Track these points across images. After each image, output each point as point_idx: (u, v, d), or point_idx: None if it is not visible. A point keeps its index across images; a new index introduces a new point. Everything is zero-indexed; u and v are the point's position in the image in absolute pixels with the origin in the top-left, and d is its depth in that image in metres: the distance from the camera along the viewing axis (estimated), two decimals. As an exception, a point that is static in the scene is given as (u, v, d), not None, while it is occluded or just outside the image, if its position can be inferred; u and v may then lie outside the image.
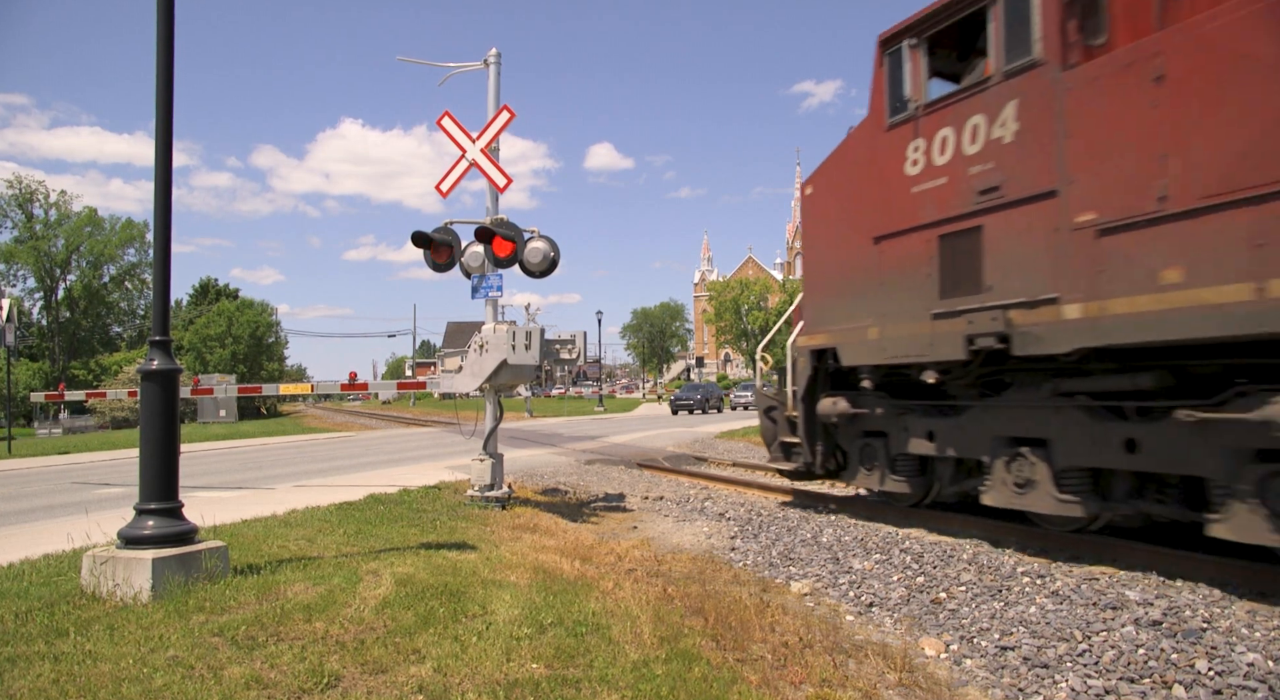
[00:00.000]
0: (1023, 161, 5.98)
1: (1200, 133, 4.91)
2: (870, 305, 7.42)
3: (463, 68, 9.74)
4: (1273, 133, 4.57)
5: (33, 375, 53.67)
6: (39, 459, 19.53)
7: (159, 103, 5.14)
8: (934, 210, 6.70)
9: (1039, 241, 5.84)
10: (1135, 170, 5.24)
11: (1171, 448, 5.33)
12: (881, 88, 7.30)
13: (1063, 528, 6.33)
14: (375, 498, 9.23)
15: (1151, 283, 5.11)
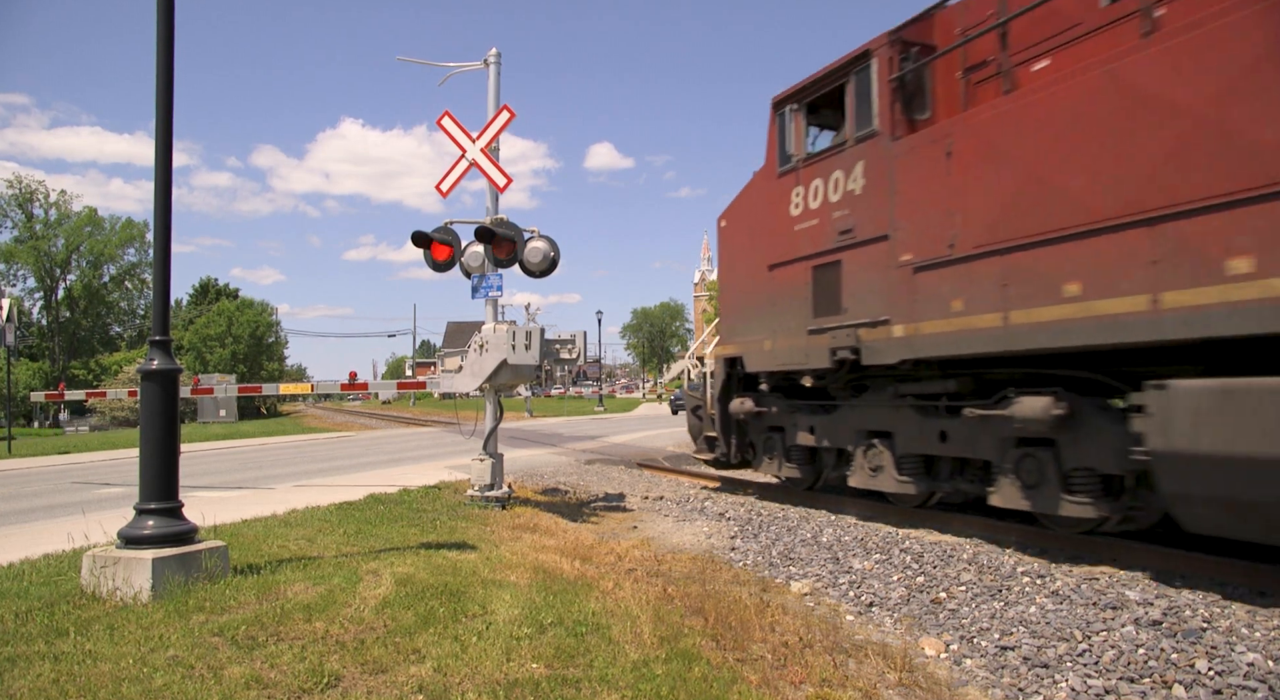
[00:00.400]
0: (868, 210, 7.45)
1: (972, 198, 6.38)
2: (766, 322, 8.93)
3: (463, 68, 9.74)
4: (1011, 205, 6.05)
5: (33, 375, 53.67)
6: (39, 459, 19.53)
7: (159, 103, 5.14)
8: (809, 246, 8.19)
9: (877, 275, 7.29)
10: (936, 223, 6.69)
11: (968, 438, 6.86)
12: (773, 142, 8.85)
13: (908, 504, 7.83)
14: (375, 497, 9.23)
15: (945, 310, 6.58)
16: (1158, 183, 5.11)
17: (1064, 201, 5.70)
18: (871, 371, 7.73)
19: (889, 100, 7.32)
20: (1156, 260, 5.11)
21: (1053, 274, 5.74)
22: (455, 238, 8.99)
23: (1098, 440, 5.81)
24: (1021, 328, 5.93)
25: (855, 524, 7.69)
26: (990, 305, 6.19)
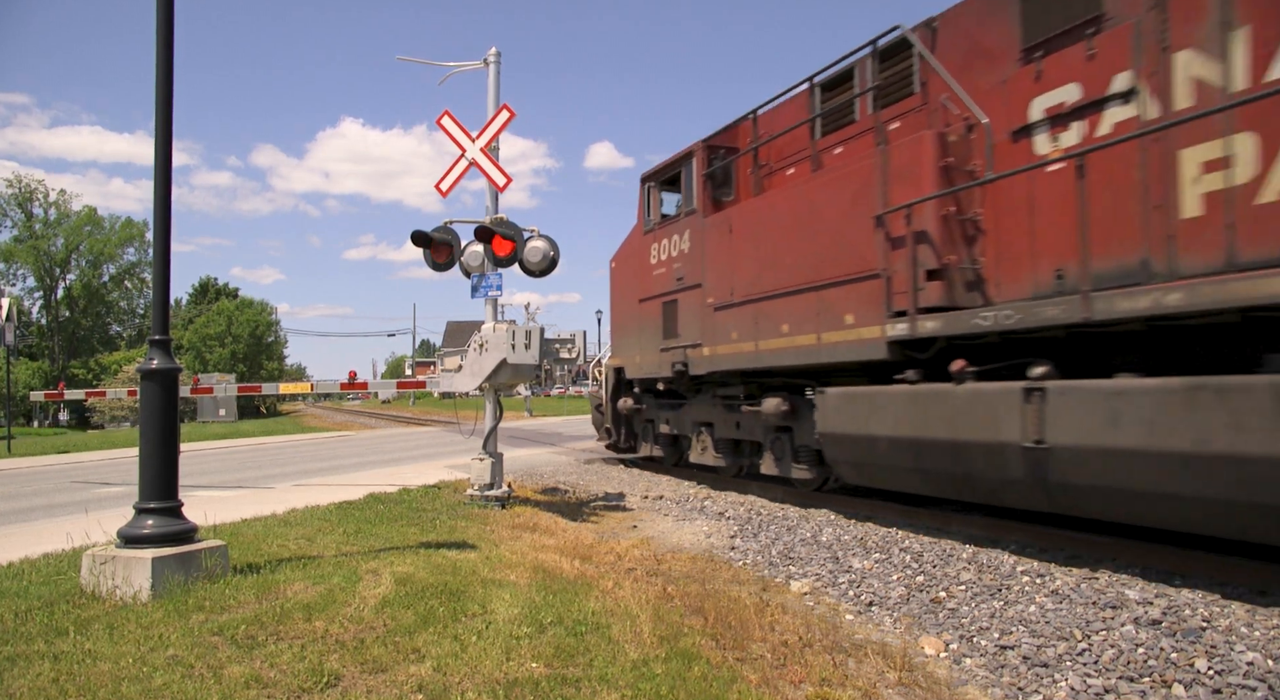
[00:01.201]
0: (691, 265, 10.29)
1: (741, 263, 9.17)
2: (637, 341, 11.75)
3: (462, 67, 9.73)
4: (759, 270, 8.80)
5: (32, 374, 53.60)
6: (38, 458, 19.54)
7: (158, 102, 5.14)
8: (661, 287, 11.04)
9: (696, 311, 10.10)
10: (724, 278, 9.53)
11: (750, 426, 9.62)
12: (641, 207, 11.73)
13: (725, 473, 10.71)
14: (375, 497, 9.24)
15: (728, 338, 9.36)
16: (819, 266, 7.88)
17: (782, 272, 8.42)
18: (700, 379, 10.40)
19: (702, 187, 10.18)
20: (819, 313, 7.86)
21: (777, 317, 8.47)
22: (455, 237, 8.98)
23: (808, 427, 8.31)
24: (765, 352, 8.70)
25: (855, 523, 7.69)
26: (749, 336, 8.96)
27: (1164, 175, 5.33)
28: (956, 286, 6.71)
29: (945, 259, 6.69)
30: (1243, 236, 4.88)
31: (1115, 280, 5.55)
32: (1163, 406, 4.95)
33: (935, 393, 6.56)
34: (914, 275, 6.76)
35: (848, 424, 7.45)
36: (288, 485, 11.73)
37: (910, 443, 6.79)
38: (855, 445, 7.46)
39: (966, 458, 6.31)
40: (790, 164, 9.18)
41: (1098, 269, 5.62)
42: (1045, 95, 6.24)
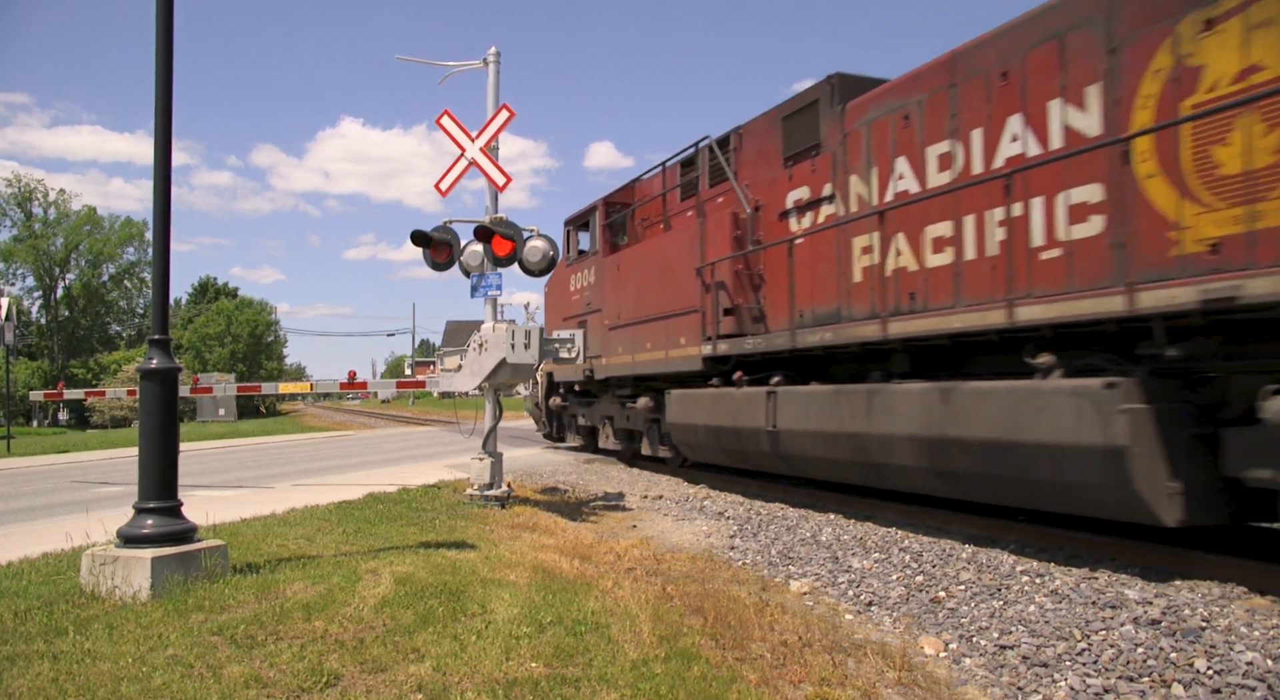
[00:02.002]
0: (595, 294, 13.10)
1: (624, 294, 11.93)
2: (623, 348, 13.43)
3: (462, 67, 9.73)
4: (634, 300, 11.57)
5: (32, 374, 53.57)
6: (38, 458, 19.53)
7: (158, 102, 5.14)
8: (577, 309, 13.85)
9: (598, 330, 12.66)
10: (614, 305, 12.24)
11: (634, 419, 12.28)
12: (564, 246, 14.24)
13: (623, 456, 13.59)
14: (374, 497, 9.24)
15: (617, 352, 12.09)
16: (667, 301, 10.66)
17: (648, 303, 11.20)
18: (605, 382, 13.03)
19: (602, 234, 12.95)
20: (667, 335, 10.61)
21: (645, 337, 11.27)
22: (454, 237, 8.98)
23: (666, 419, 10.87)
24: (638, 363, 11.45)
25: (855, 523, 7.70)
26: (629, 350, 11.71)
27: (845, 253, 8.04)
28: (745, 320, 9.43)
29: (736, 301, 9.50)
30: (877, 297, 7.62)
31: (827, 319, 8.18)
32: (822, 403, 7.88)
33: (726, 393, 9.43)
34: (716, 312, 9.60)
35: (682, 416, 10.40)
36: (287, 485, 11.73)
37: (714, 428, 9.67)
38: (686, 431, 10.40)
39: (742, 437, 9.13)
40: (658, 221, 12.03)
41: (819, 311, 8.35)
42: (793, 191, 8.95)
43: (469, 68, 9.64)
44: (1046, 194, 6.12)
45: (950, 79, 7.01)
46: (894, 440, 6.98)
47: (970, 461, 6.35)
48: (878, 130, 7.79)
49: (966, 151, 6.87)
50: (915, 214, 7.22)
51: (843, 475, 8.01)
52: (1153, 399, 5.21)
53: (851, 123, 8.10)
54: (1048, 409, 5.67)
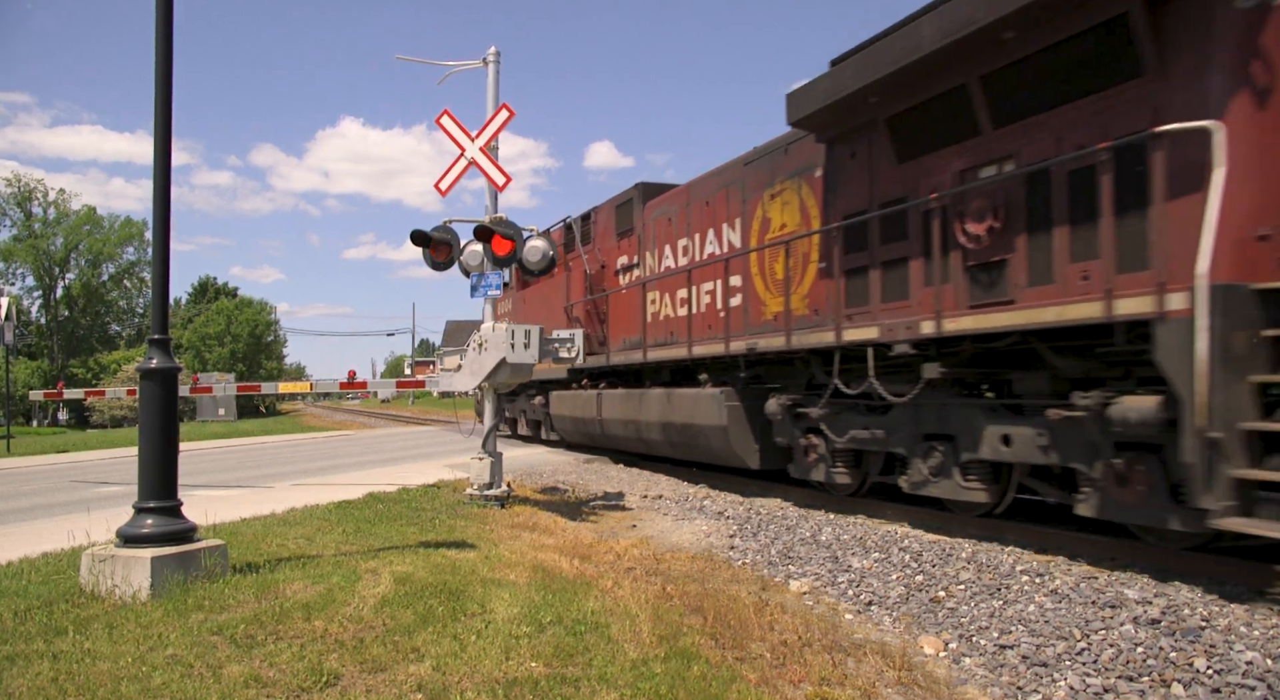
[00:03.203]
0: (513, 317, 16.89)
1: (530, 319, 14.74)
2: None
3: (462, 66, 9.73)
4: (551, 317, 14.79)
5: (31, 374, 53.57)
6: (38, 457, 19.52)
7: (158, 102, 5.14)
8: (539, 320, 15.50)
9: None
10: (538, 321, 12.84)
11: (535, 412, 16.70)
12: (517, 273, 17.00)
13: (533, 442, 17.04)
14: (374, 496, 9.23)
15: None
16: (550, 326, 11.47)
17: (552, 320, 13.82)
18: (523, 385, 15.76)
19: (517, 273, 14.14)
20: None
21: None
22: (454, 236, 8.98)
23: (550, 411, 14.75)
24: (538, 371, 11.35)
25: (854, 523, 7.70)
26: None
27: (642, 303, 11.97)
28: (594, 344, 13.17)
29: (588, 330, 13.12)
30: (657, 333, 11.55)
31: (633, 346, 12.13)
32: (621, 400, 12.08)
33: (578, 394, 13.72)
34: None
35: (558, 409, 14.54)
36: (287, 485, 11.72)
37: (575, 418, 13.92)
38: (560, 420, 14.64)
39: (587, 424, 13.47)
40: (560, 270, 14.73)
41: (629, 341, 12.42)
42: (620, 257, 13.03)
43: (469, 67, 9.64)
44: (722, 278, 10.09)
45: (688, 199, 11.17)
46: (649, 423, 11.39)
47: (679, 434, 10.67)
48: (657, 224, 11.92)
49: (693, 246, 11.00)
50: (671, 281, 11.32)
51: (633, 446, 12.48)
52: (743, 399, 9.50)
53: (647, 217, 12.25)
54: (702, 404, 10.00)
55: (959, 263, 6.62)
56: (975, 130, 6.57)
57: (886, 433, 7.66)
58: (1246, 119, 5.05)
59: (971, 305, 6.53)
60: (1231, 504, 4.79)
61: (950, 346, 6.96)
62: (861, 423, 7.96)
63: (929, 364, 6.94)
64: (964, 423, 6.89)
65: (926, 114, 6.93)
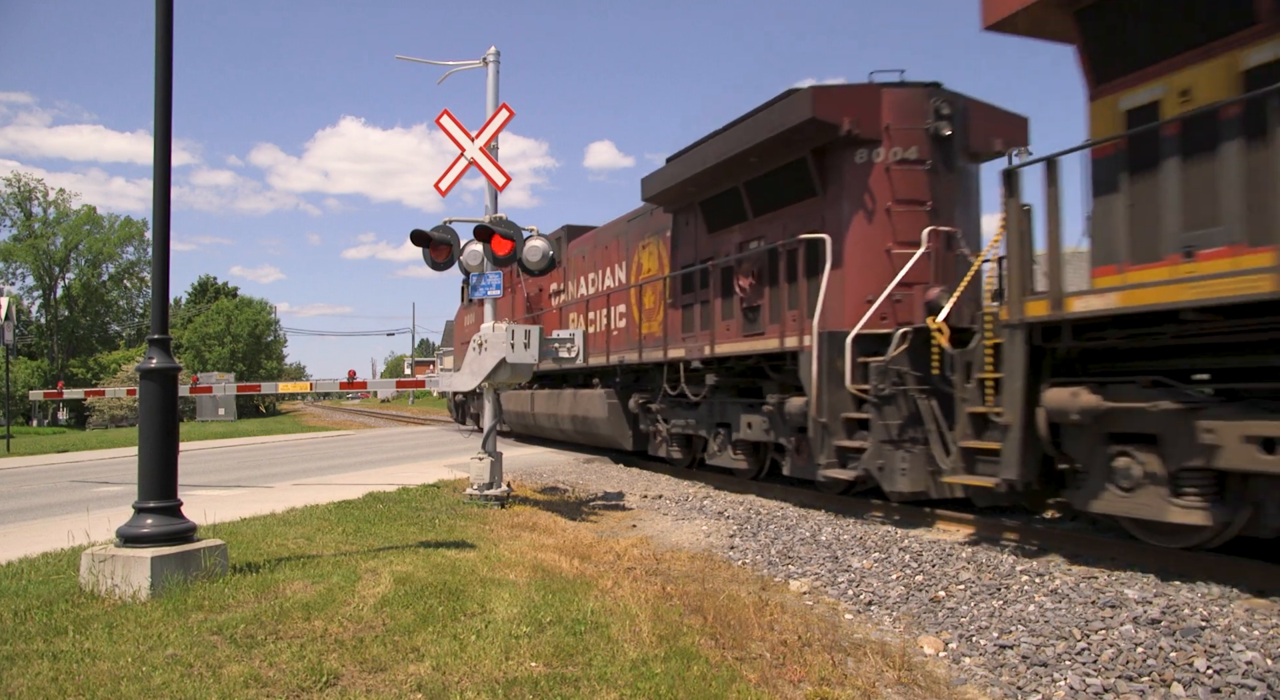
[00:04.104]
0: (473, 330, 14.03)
1: None
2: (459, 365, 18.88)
3: (461, 66, 9.73)
4: None
5: (31, 373, 53.53)
6: (37, 457, 19.52)
7: (158, 101, 5.14)
8: (465, 337, 18.20)
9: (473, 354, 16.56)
10: None
11: None
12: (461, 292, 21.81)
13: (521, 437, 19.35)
14: (374, 496, 9.23)
15: None
16: None
17: None
18: None
19: None
20: None
21: None
22: (454, 236, 8.98)
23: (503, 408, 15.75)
24: None
25: (854, 522, 7.70)
26: None
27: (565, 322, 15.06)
28: None
29: None
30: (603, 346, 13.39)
31: None
32: (546, 398, 15.44)
33: (519, 393, 16.32)
34: None
35: (507, 405, 17.01)
36: (287, 484, 11.73)
37: (518, 412, 16.96)
38: (509, 415, 17.42)
39: (525, 417, 16.64)
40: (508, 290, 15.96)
41: None
42: (553, 284, 16.13)
43: (469, 67, 9.64)
44: (613, 306, 13.41)
45: (595, 242, 14.46)
46: (563, 416, 14.61)
47: (581, 424, 13.94)
48: (576, 259, 15.11)
49: (598, 278, 14.16)
50: (583, 305, 14.60)
51: (555, 435, 15.91)
52: (620, 398, 12.54)
53: (570, 253, 15.39)
54: (594, 402, 13.18)
55: (737, 305, 9.83)
56: (744, 217, 9.85)
57: (695, 421, 10.95)
58: (860, 228, 8.34)
59: (744, 335, 9.65)
60: (834, 461, 8.08)
61: (725, 362, 10.11)
62: (682, 414, 11.29)
63: (709, 374, 10.35)
64: (733, 414, 9.98)
65: (721, 202, 10.18)
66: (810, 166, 8.59)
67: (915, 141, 8.36)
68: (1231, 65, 5.10)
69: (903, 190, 8.31)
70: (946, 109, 8.34)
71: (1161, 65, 5.51)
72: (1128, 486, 5.53)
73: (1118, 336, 5.74)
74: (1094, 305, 5.56)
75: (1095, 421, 5.65)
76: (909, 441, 7.43)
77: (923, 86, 8.45)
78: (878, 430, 7.57)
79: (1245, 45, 5.01)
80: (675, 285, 11.26)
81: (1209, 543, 5.48)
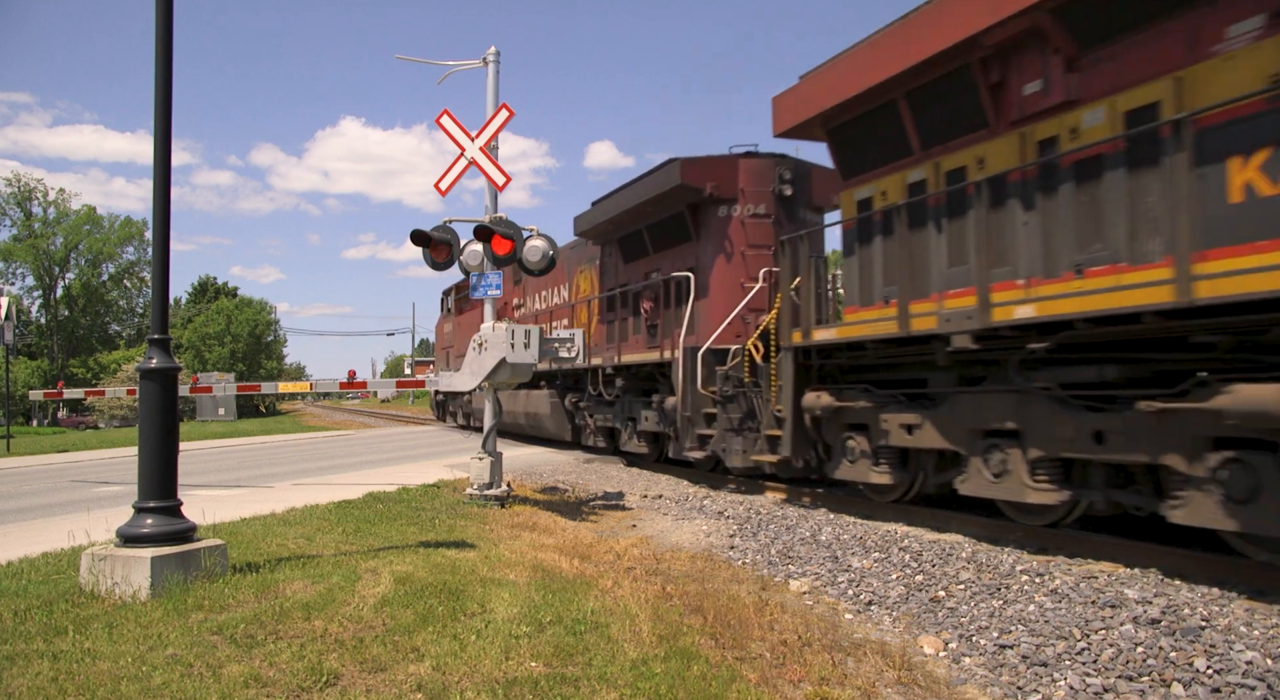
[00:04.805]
0: (451, 337, 23.96)
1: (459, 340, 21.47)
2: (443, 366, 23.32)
3: (461, 66, 9.73)
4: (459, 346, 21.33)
5: (31, 373, 53.55)
6: (37, 457, 19.52)
7: (158, 102, 5.13)
8: (445, 344, 25.09)
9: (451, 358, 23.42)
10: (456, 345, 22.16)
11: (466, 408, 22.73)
12: (443, 305, 25.79)
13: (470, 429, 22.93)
14: (374, 496, 9.23)
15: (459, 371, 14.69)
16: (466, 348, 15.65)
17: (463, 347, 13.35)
18: None
19: (456, 305, 23.43)
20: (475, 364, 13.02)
21: None
22: (454, 236, 8.97)
23: None
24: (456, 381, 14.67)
25: (854, 522, 7.70)
26: None
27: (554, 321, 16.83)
28: None
29: None
30: None
31: None
32: (509, 398, 15.94)
33: None
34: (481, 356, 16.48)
35: (478, 405, 17.23)
36: (287, 484, 11.72)
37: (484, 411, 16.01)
38: (478, 413, 17.31)
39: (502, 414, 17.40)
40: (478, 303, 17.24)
41: None
42: (515, 299, 18.26)
43: (469, 67, 9.64)
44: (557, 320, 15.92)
45: None
46: (518, 412, 16.51)
47: (531, 420, 16.15)
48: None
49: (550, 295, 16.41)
50: (537, 319, 16.75)
51: (514, 429, 17.74)
52: (560, 397, 15.08)
53: None
54: (541, 401, 15.55)
55: (643, 323, 12.19)
56: (647, 252, 12.39)
57: (613, 416, 13.42)
58: (720, 266, 10.82)
59: (647, 347, 12.04)
60: (695, 445, 10.59)
61: (631, 369, 12.58)
62: (604, 411, 13.81)
63: (619, 378, 12.93)
64: (637, 410, 12.45)
65: (631, 240, 12.72)
66: (687, 218, 11.21)
67: (764, 200, 10.83)
68: (903, 178, 7.48)
69: (753, 238, 10.81)
70: (789, 174, 10.81)
71: (870, 174, 7.92)
72: (852, 460, 8.08)
73: (845, 357, 8.28)
74: (825, 336, 8.26)
75: (834, 415, 8.21)
76: (746, 430, 9.71)
77: (771, 157, 10.84)
78: (722, 422, 10.00)
79: (909, 168, 7.44)
80: (602, 305, 13.86)
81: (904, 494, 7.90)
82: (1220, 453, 5.04)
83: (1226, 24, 5.05)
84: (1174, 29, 5.31)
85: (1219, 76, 4.98)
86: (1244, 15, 4.94)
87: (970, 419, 6.74)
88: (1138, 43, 5.55)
